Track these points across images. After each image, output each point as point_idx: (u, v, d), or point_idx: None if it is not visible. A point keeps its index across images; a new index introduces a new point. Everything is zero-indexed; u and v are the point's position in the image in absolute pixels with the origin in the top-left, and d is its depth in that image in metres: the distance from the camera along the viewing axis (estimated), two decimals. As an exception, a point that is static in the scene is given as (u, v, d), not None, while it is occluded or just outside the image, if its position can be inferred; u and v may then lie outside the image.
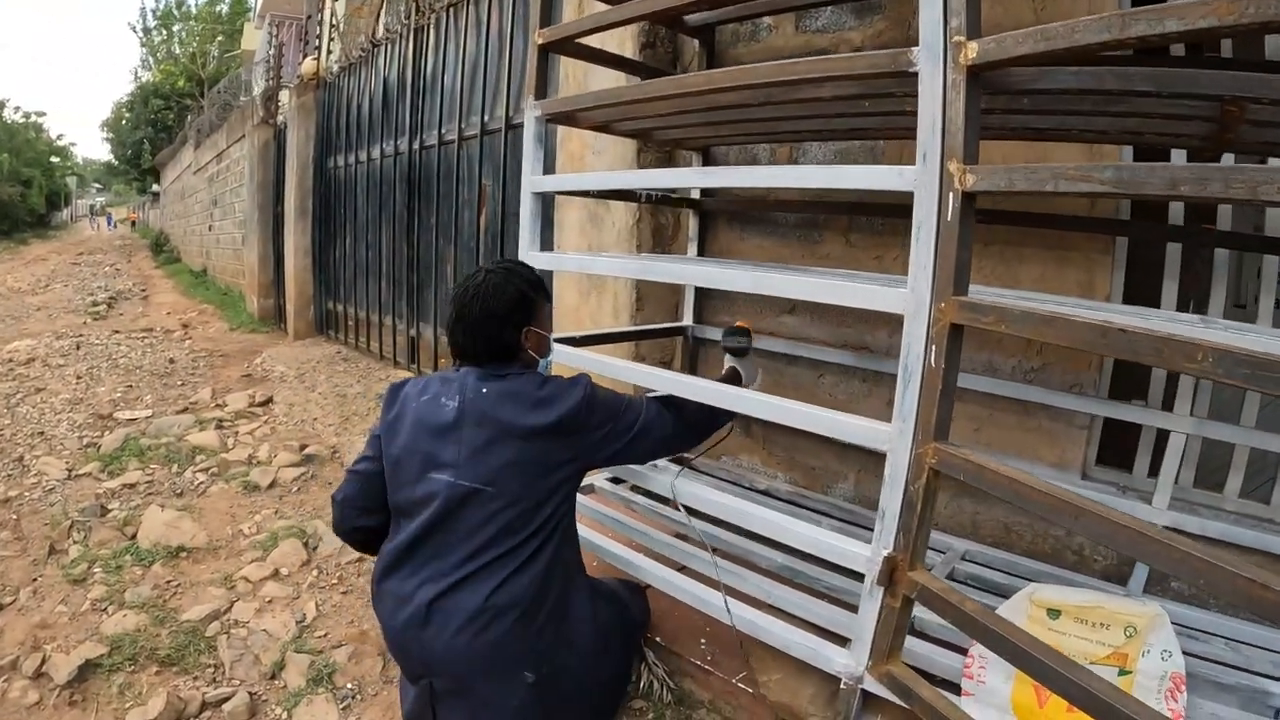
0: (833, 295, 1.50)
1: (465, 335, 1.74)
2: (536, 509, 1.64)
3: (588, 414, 1.69)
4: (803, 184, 1.54)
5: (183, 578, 2.94)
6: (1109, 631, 1.59)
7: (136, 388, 6.06)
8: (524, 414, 1.65)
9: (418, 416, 1.72)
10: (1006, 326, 1.22)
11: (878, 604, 1.40)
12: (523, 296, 1.75)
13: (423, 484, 1.67)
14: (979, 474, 1.22)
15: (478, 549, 1.61)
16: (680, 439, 1.90)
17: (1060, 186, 1.19)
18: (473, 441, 1.65)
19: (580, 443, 1.70)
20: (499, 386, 1.69)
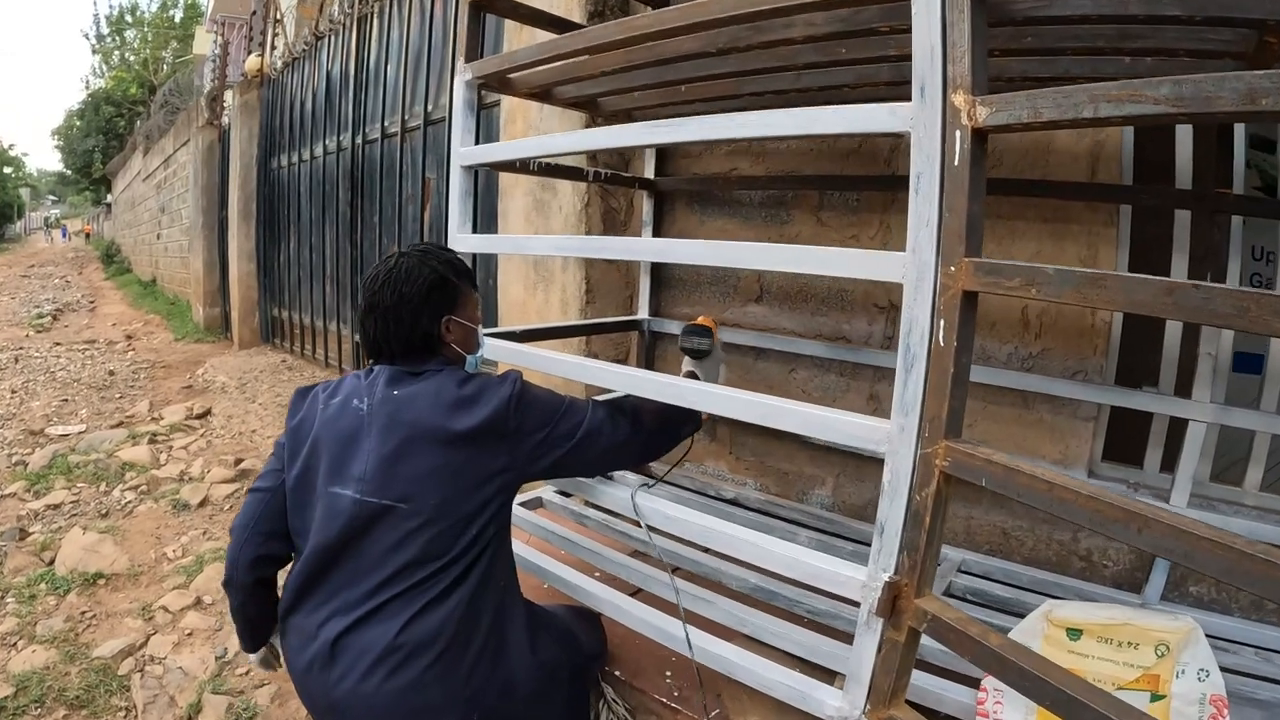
0: (814, 264, 1.23)
1: (377, 327, 1.50)
2: (460, 529, 1.39)
3: (519, 415, 1.44)
4: (771, 133, 1.27)
5: (99, 608, 2.71)
6: (1138, 651, 1.37)
7: (73, 402, 5.79)
8: (442, 416, 1.40)
9: (323, 422, 1.46)
10: (1037, 291, 0.96)
11: (877, 637, 1.12)
12: (441, 281, 1.51)
13: (326, 501, 1.41)
14: (1007, 478, 0.95)
15: (391, 576, 1.36)
16: (638, 447, 1.63)
17: (1101, 111, 0.93)
18: (382, 451, 1.39)
19: (512, 449, 1.44)
20: (413, 386, 1.44)
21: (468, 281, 1.59)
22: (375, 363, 1.53)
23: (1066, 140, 1.95)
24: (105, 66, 33.62)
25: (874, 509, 2.29)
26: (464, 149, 1.92)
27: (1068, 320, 1.97)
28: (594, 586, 1.78)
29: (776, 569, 1.27)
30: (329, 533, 1.39)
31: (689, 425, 1.71)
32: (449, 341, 1.52)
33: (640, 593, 1.86)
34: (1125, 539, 0.88)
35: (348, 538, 1.38)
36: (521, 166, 2.08)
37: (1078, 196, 1.92)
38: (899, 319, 2.20)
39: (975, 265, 1.02)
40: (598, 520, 2.28)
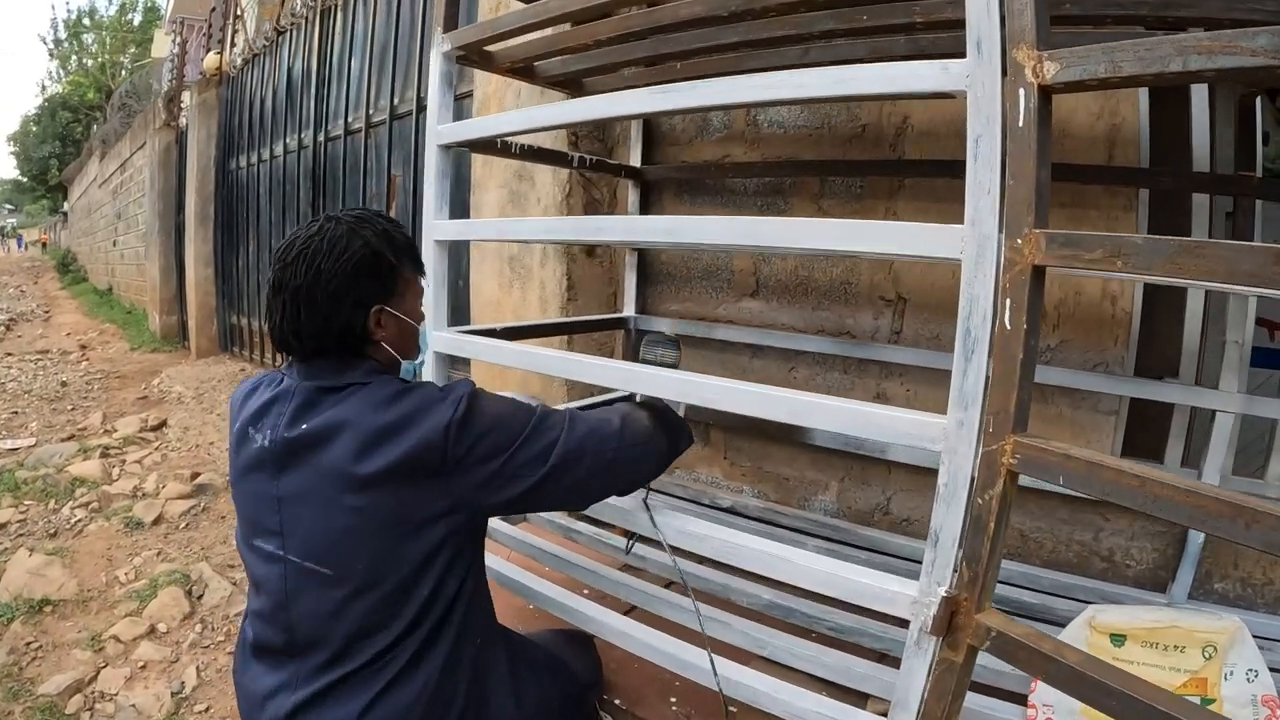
0: (856, 241, 1.07)
1: (285, 313, 1.14)
2: (404, 594, 1.10)
3: (460, 443, 1.09)
4: (800, 94, 1.11)
5: (45, 638, 2.46)
6: (1185, 655, 1.30)
7: (22, 414, 5.47)
8: (357, 452, 1.07)
9: (235, 450, 1.20)
10: (1123, 264, 0.82)
11: (929, 658, 0.98)
12: (374, 259, 1.15)
13: (255, 553, 1.17)
14: (1090, 475, 0.82)
15: (341, 650, 1.11)
16: (628, 470, 1.27)
17: (1190, 64, 0.81)
18: (292, 498, 1.12)
19: (451, 487, 1.10)
20: (326, 414, 1.11)
21: (409, 262, 1.23)
22: (288, 362, 1.21)
23: (1083, 122, 1.85)
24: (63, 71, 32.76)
25: (881, 514, 2.21)
26: (441, 127, 1.74)
27: (1087, 311, 1.86)
28: (588, 607, 1.60)
29: (814, 587, 1.12)
30: (267, 591, 1.16)
31: (685, 439, 1.41)
32: (379, 339, 1.19)
33: (634, 610, 1.70)
34: (1231, 536, 0.76)
35: (284, 600, 1.13)
36: (503, 148, 1.91)
37: (1096, 180, 1.82)
38: (908, 311, 2.12)
39: (1048, 237, 0.88)
40: (589, 535, 2.12)
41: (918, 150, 2.04)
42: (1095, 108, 1.82)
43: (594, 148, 2.65)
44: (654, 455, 1.31)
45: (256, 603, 1.19)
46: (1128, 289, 1.81)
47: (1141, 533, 1.83)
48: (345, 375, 1.15)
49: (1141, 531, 1.83)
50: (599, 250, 2.70)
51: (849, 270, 2.18)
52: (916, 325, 2.07)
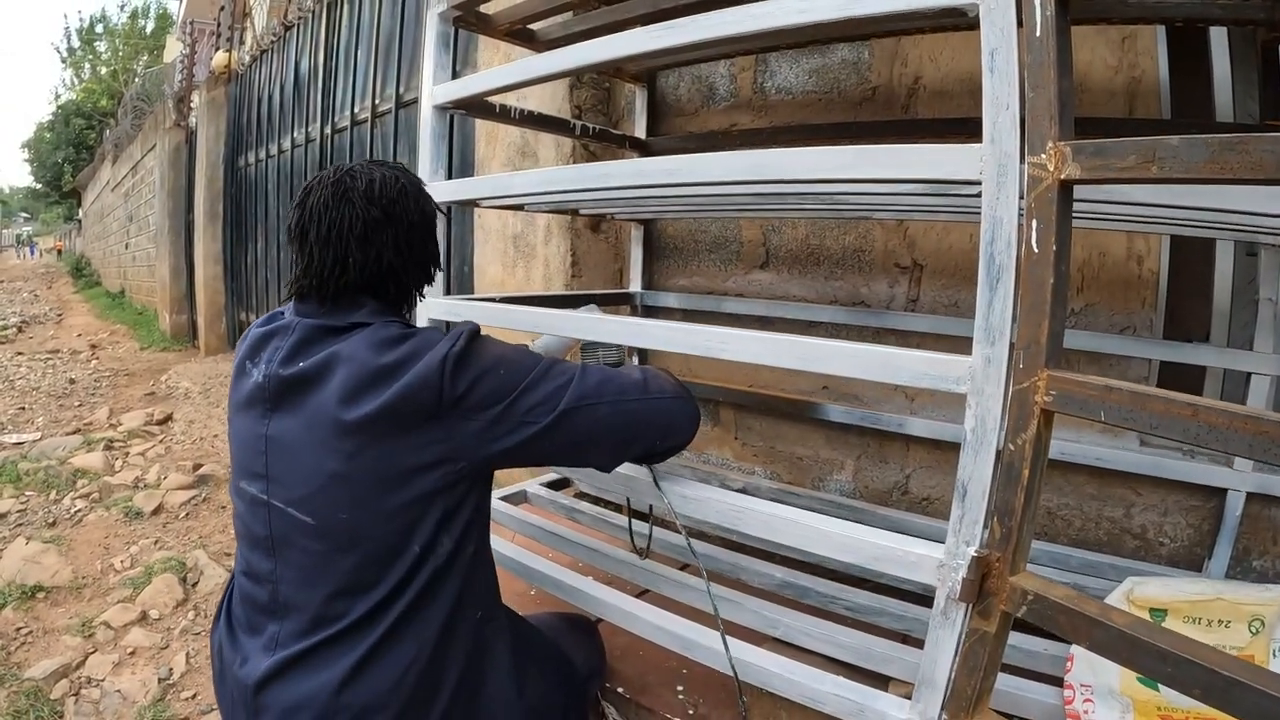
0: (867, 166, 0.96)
1: (322, 243, 1.07)
2: (392, 551, 1.02)
3: (456, 382, 1.01)
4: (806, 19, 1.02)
5: (36, 624, 2.42)
6: (1229, 630, 1.21)
7: (30, 409, 5.47)
8: (350, 394, 1.00)
9: (234, 390, 1.15)
10: (1159, 169, 0.74)
11: (957, 629, 0.89)
12: (434, 210, 1.19)
13: (241, 497, 1.12)
14: (1136, 407, 0.72)
15: (321, 612, 1.03)
16: (653, 424, 1.16)
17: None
18: (280, 439, 1.05)
19: (449, 433, 1.02)
20: (323, 354, 1.04)
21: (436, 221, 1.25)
22: (297, 302, 1.14)
23: (1102, 76, 1.76)
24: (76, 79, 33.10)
25: (900, 494, 2.11)
26: (437, 87, 1.67)
27: (1112, 272, 1.77)
28: (595, 589, 1.51)
29: (831, 552, 1.03)
30: (251, 540, 1.10)
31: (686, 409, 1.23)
32: (411, 287, 1.18)
33: (647, 594, 1.62)
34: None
35: (269, 549, 1.07)
36: (502, 113, 1.84)
37: (1117, 134, 1.73)
38: (924, 278, 2.02)
39: (1074, 148, 0.80)
40: (593, 515, 2.05)
41: (930, 111, 1.95)
42: (1114, 60, 1.73)
43: (598, 120, 2.58)
44: (682, 415, 1.19)
45: (242, 556, 1.12)
46: (1154, 248, 1.71)
47: (1175, 508, 1.73)
48: (352, 314, 1.09)
49: (1175, 506, 1.73)
50: (604, 225, 2.62)
51: (862, 237, 2.09)
52: (933, 292, 1.98)
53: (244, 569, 1.12)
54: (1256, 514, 1.64)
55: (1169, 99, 1.72)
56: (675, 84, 2.46)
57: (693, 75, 2.40)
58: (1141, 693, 1.17)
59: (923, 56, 1.95)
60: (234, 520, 1.16)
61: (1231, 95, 1.69)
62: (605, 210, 2.22)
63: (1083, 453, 1.74)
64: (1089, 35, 1.73)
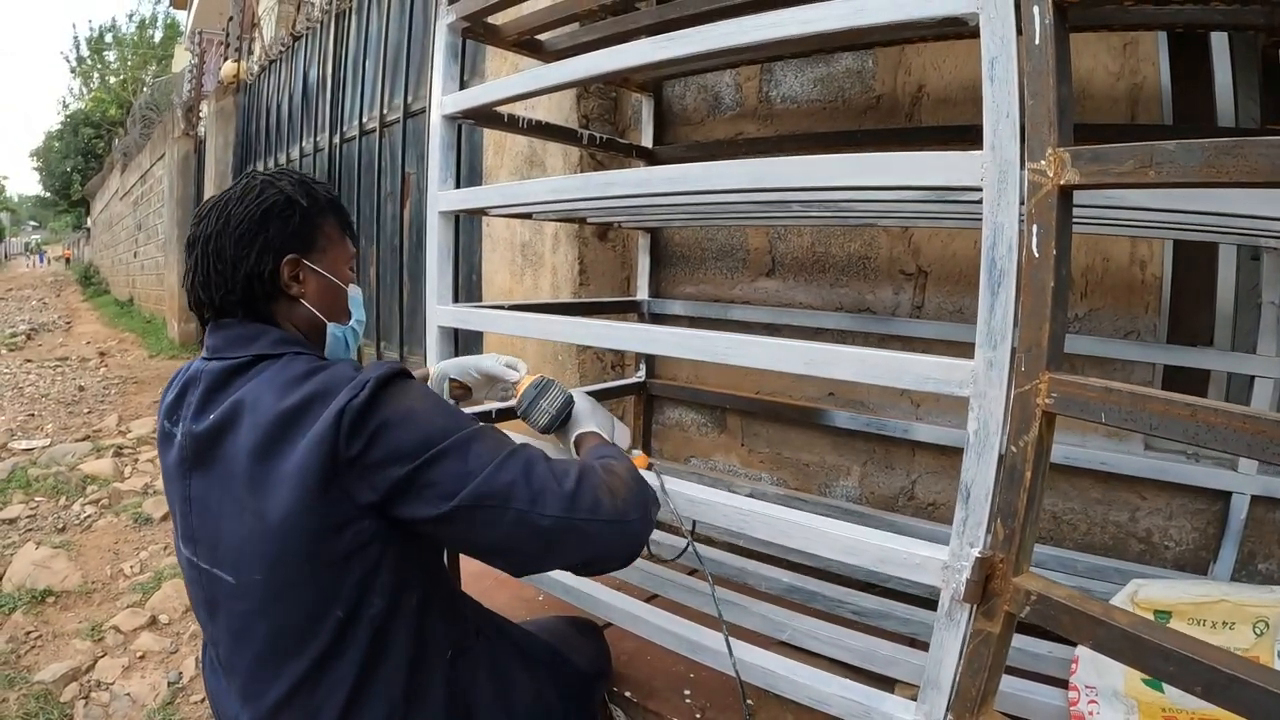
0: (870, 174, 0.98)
1: (198, 267, 1.05)
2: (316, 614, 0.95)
3: (351, 433, 0.90)
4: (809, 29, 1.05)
5: (46, 627, 2.46)
6: (1234, 631, 1.22)
7: (39, 416, 5.54)
8: (254, 446, 0.93)
9: (161, 446, 1.09)
10: (1156, 174, 0.76)
11: (962, 630, 0.90)
12: (287, 204, 1.06)
13: (181, 559, 1.07)
14: (1136, 408, 0.74)
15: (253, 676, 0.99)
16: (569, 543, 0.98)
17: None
18: (202, 502, 1.00)
19: (349, 492, 0.92)
20: (231, 399, 0.98)
21: (334, 220, 1.13)
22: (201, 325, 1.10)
23: (1103, 82, 1.77)
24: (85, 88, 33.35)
25: (906, 499, 2.12)
26: (445, 97, 1.70)
27: (1115, 277, 1.78)
28: (602, 593, 1.51)
29: (836, 554, 1.04)
30: (194, 601, 1.07)
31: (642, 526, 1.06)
32: (296, 295, 1.07)
33: (656, 598, 1.63)
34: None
35: (207, 611, 1.03)
36: (510, 123, 1.87)
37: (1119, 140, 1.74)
38: (929, 285, 2.04)
39: (1073, 154, 0.82)
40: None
41: (934, 118, 1.97)
42: (1115, 67, 1.74)
43: (605, 129, 2.60)
44: (613, 543, 1.01)
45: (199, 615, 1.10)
46: (1157, 253, 1.72)
47: (1180, 511, 1.74)
48: (253, 344, 1.02)
49: (1180, 510, 1.74)
50: (611, 233, 2.65)
51: (867, 244, 2.11)
52: (939, 299, 2.00)
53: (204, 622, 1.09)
54: (1261, 517, 1.65)
55: (1171, 105, 1.74)
56: (681, 93, 2.48)
57: (698, 85, 2.43)
58: (1146, 694, 1.18)
59: (926, 65, 1.97)
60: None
61: (1233, 100, 1.70)
62: (612, 218, 2.24)
63: (1088, 457, 1.75)
64: (1091, 42, 1.75)
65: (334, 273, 1.12)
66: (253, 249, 1.03)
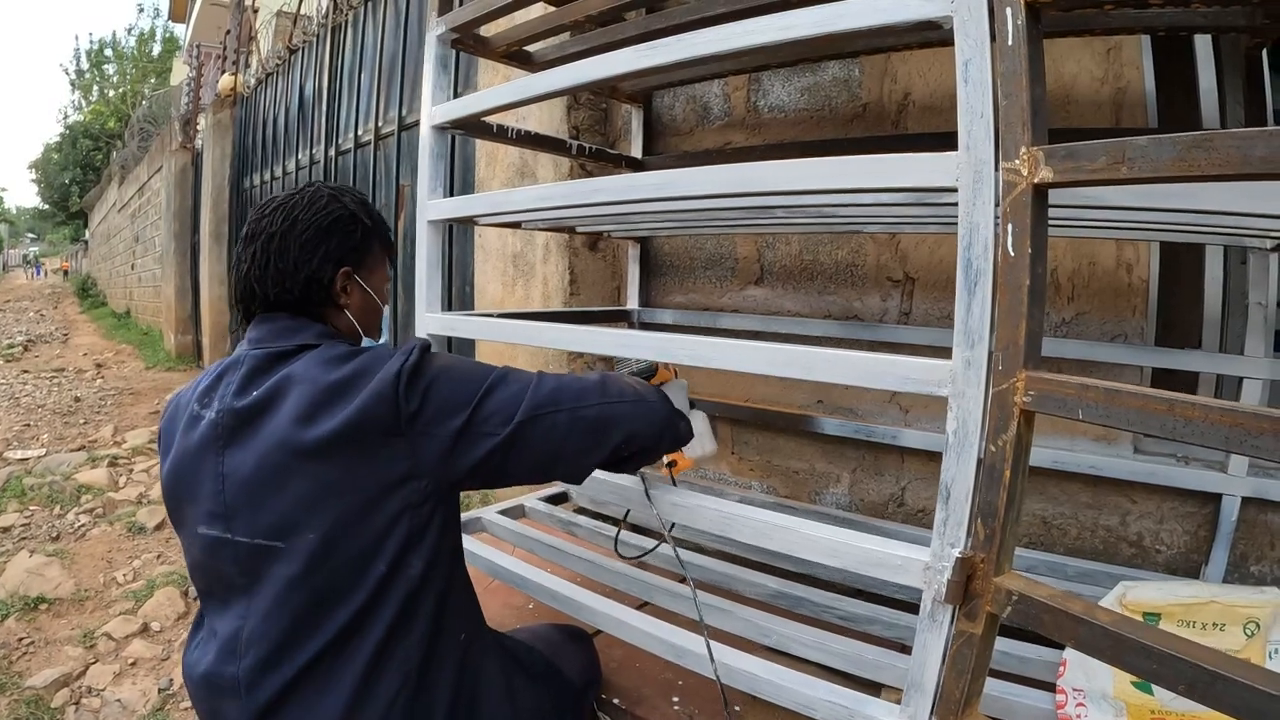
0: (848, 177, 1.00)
1: (255, 260, 1.12)
2: (358, 570, 1.00)
3: (412, 397, 1.01)
4: (787, 35, 1.06)
5: (38, 634, 2.45)
6: (1225, 633, 1.21)
7: (35, 426, 5.50)
8: (307, 414, 1.00)
9: (178, 441, 1.11)
10: (1129, 170, 0.76)
11: (944, 632, 0.90)
12: (351, 220, 1.16)
13: (195, 544, 1.08)
14: (1111, 404, 0.74)
15: (293, 637, 1.01)
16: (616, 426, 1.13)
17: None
18: (239, 473, 1.03)
19: (411, 449, 1.01)
20: (274, 379, 1.05)
21: (382, 242, 1.24)
22: (244, 322, 1.17)
23: (1087, 87, 1.79)
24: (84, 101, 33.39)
25: (896, 506, 2.12)
26: (435, 108, 1.71)
27: (1102, 280, 1.78)
28: (591, 600, 1.52)
29: (819, 556, 1.04)
30: (212, 583, 1.08)
31: (683, 420, 1.27)
32: (342, 305, 1.16)
33: (645, 606, 1.63)
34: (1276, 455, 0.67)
35: (235, 587, 1.04)
36: (500, 133, 1.87)
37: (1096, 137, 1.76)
38: (917, 291, 2.04)
39: (1046, 153, 0.82)
40: (589, 528, 2.05)
41: (920, 126, 1.98)
42: (1099, 72, 1.76)
43: (595, 140, 2.62)
44: (644, 418, 1.17)
45: (209, 612, 1.10)
46: (1144, 255, 1.73)
47: (1171, 514, 1.73)
48: (298, 336, 1.09)
49: (1171, 513, 1.73)
50: (602, 243, 2.65)
51: (854, 252, 2.12)
52: (926, 305, 2.00)
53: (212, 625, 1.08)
54: (1252, 519, 1.65)
55: (1155, 109, 1.75)
56: (671, 104, 2.49)
57: (688, 95, 2.44)
58: (1135, 696, 1.17)
59: (912, 73, 1.98)
60: (194, 578, 1.12)
61: (1218, 103, 1.71)
62: (601, 227, 2.25)
63: (1077, 461, 1.75)
64: (1074, 47, 1.76)
65: (376, 291, 1.22)
66: (316, 255, 1.12)
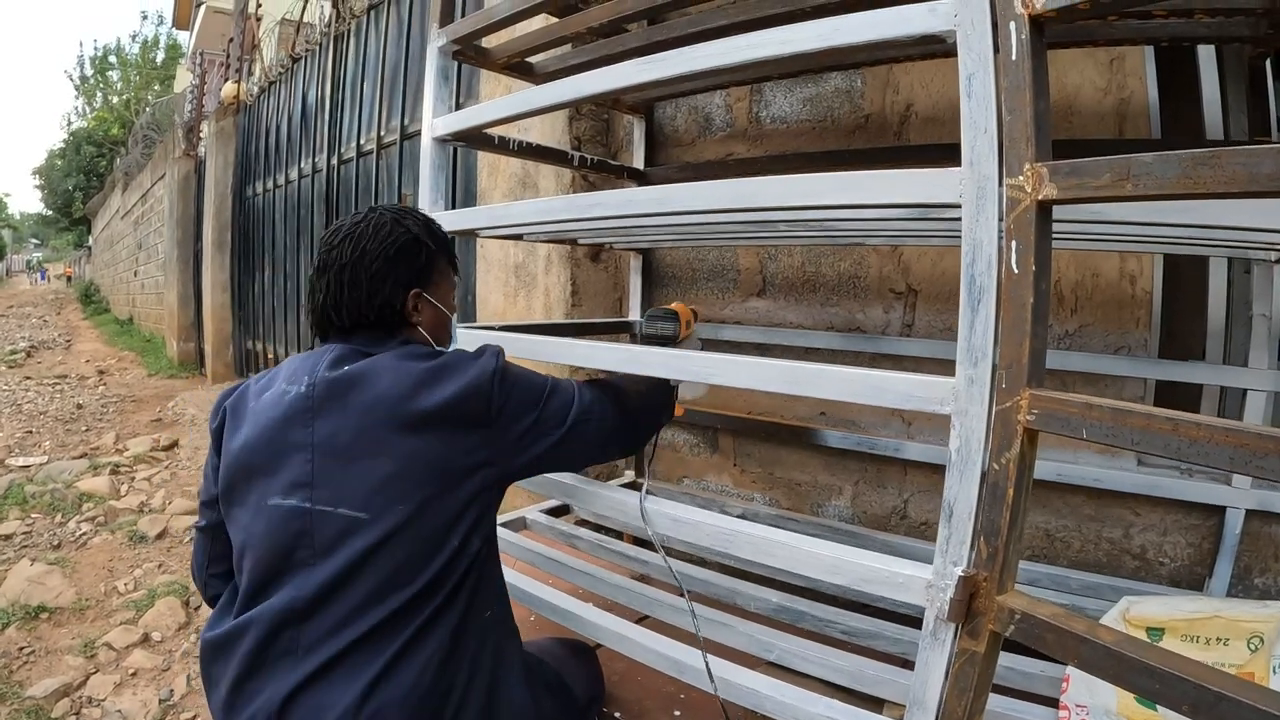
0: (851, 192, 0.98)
1: (328, 291, 1.19)
2: (437, 543, 1.07)
3: (502, 394, 1.13)
4: (788, 49, 1.06)
5: (39, 643, 2.46)
6: (1229, 648, 1.20)
7: (37, 433, 5.54)
8: (406, 391, 1.09)
9: (254, 418, 1.15)
10: (1134, 187, 0.76)
11: (947, 649, 0.89)
12: (414, 244, 1.23)
13: (266, 516, 1.09)
14: (1117, 423, 0.73)
15: (353, 612, 1.04)
16: (627, 434, 1.36)
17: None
18: (331, 445, 1.08)
19: (493, 439, 1.13)
20: (365, 363, 1.14)
21: (447, 256, 1.30)
22: (322, 341, 1.24)
23: (1091, 98, 1.79)
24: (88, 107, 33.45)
25: (898, 518, 2.11)
26: (437, 120, 1.72)
27: (1105, 292, 1.78)
28: (593, 614, 1.52)
29: (816, 573, 1.03)
30: (274, 554, 1.08)
31: (667, 411, 1.50)
32: (415, 323, 1.23)
33: (646, 619, 1.62)
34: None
35: (298, 559, 1.07)
36: (501, 144, 1.88)
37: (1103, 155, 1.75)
38: (919, 304, 2.04)
39: (1050, 169, 0.82)
40: (590, 541, 2.05)
41: (922, 137, 1.98)
42: (1102, 82, 1.75)
43: (597, 151, 2.62)
44: (644, 423, 1.43)
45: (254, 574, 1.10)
46: (1147, 267, 1.72)
47: (1174, 527, 1.72)
48: (382, 346, 1.19)
49: (1174, 526, 1.72)
50: (604, 254, 2.65)
51: (857, 264, 2.11)
52: (929, 317, 2.00)
53: (259, 582, 1.10)
54: (1257, 531, 1.64)
55: (1159, 119, 1.75)
56: (672, 115, 2.50)
57: (689, 106, 2.44)
58: (1139, 713, 1.16)
59: (914, 84, 1.98)
60: (247, 553, 1.12)
61: (1221, 113, 1.71)
62: (603, 239, 2.25)
63: (1080, 474, 1.74)
64: (1077, 58, 1.76)
65: (444, 303, 1.29)
66: (386, 282, 1.19)
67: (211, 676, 1.13)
